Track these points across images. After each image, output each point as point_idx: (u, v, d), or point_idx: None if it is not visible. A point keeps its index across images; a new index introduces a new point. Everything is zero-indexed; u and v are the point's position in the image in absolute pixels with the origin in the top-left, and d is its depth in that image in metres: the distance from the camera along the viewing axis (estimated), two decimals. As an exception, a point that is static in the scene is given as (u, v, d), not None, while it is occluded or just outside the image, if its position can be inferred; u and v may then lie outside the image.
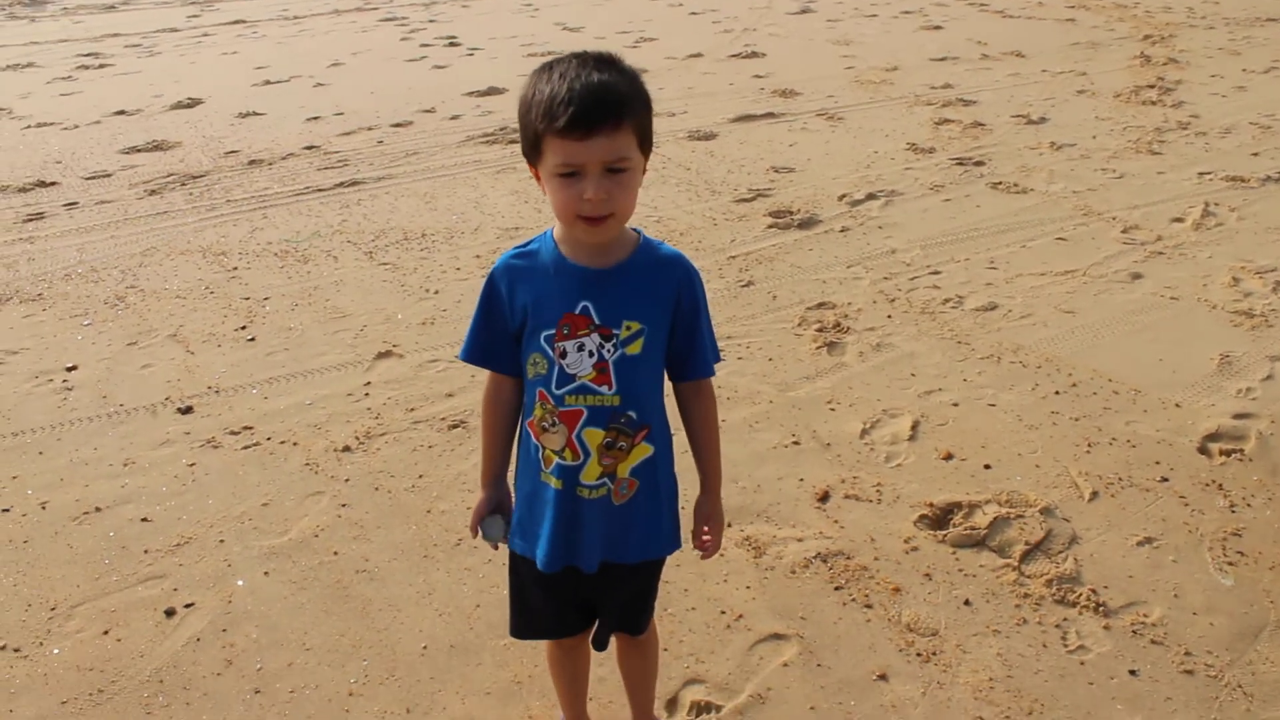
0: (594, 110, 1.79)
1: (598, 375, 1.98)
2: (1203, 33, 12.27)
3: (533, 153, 1.90)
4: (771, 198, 6.63)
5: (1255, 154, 7.37)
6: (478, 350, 2.11)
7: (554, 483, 2.05)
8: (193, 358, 4.70)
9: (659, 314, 2.02)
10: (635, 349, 1.99)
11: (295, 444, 3.97)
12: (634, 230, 2.03)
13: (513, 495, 2.21)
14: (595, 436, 2.01)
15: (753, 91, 9.73)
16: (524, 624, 2.32)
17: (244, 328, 4.99)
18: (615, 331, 1.97)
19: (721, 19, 14.53)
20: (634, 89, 1.88)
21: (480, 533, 2.20)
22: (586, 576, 2.12)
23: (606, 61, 1.88)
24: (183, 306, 5.25)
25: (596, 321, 1.97)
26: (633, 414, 2.02)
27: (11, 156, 8.23)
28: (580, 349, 1.97)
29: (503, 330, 2.06)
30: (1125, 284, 5.22)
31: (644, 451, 2.07)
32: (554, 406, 2.00)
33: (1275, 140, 7.70)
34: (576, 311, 1.97)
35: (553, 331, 1.98)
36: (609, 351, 1.97)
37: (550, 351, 1.99)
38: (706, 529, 2.23)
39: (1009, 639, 2.91)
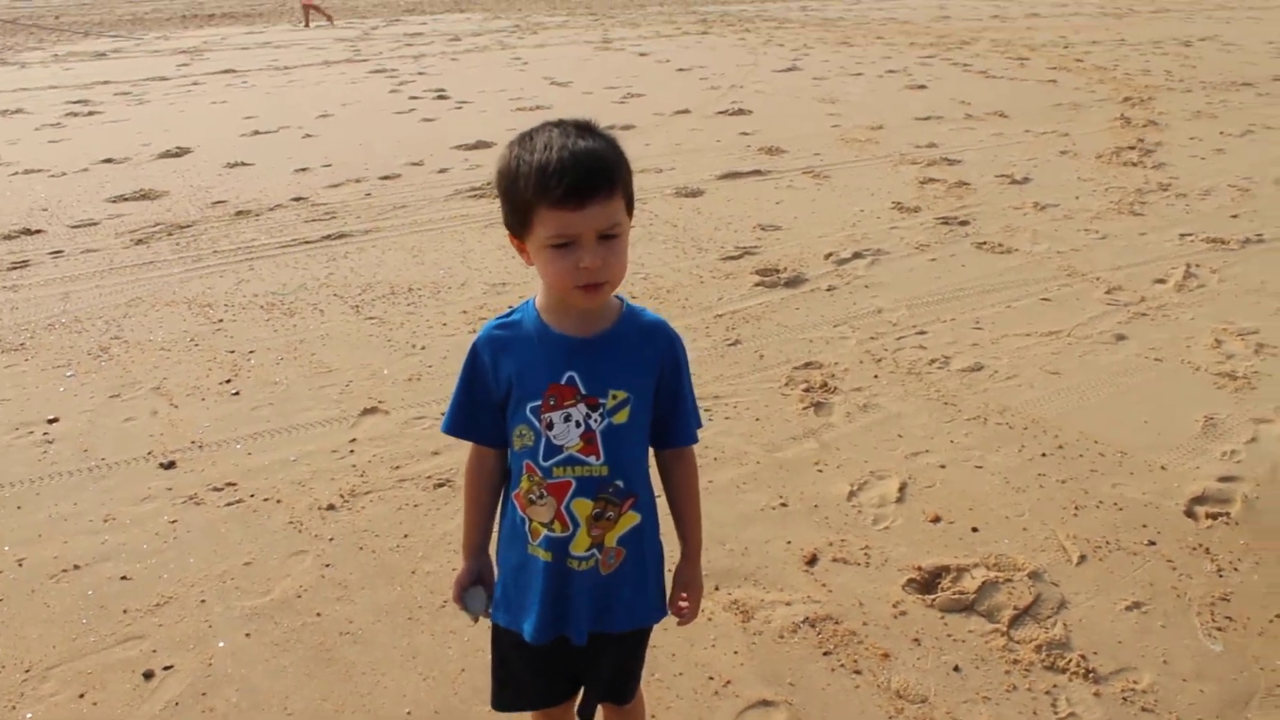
0: (587, 180, 1.79)
1: (585, 445, 1.96)
2: (1180, 95, 12.47)
3: (520, 225, 1.87)
4: (758, 256, 6.67)
5: (1234, 216, 7.46)
6: (460, 422, 2.08)
7: (543, 555, 2.02)
8: (176, 411, 4.67)
9: (644, 382, 2.01)
10: (622, 418, 1.98)
11: (279, 501, 3.94)
12: (616, 297, 2.02)
13: (495, 567, 2.19)
14: (584, 507, 1.99)
15: (739, 149, 9.82)
16: (506, 696, 2.28)
17: (228, 381, 4.96)
18: (602, 401, 1.96)
19: (709, 75, 14.70)
20: (618, 154, 1.88)
21: (462, 604, 2.17)
22: (573, 647, 2.09)
23: (586, 128, 1.88)
24: (167, 359, 5.23)
25: (583, 391, 1.95)
26: (620, 483, 2.00)
27: (-3, 205, 8.21)
28: (567, 419, 1.96)
29: (486, 401, 2.04)
30: (1110, 345, 5.25)
31: (631, 520, 2.05)
32: (541, 478, 1.98)
33: (1253, 203, 7.80)
34: (562, 382, 1.95)
35: (539, 403, 1.96)
36: (596, 421, 1.96)
37: (537, 423, 1.97)
38: (685, 595, 2.21)
39: (999, 706, 2.88)
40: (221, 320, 5.72)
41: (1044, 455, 4.20)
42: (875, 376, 4.92)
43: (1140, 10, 26.74)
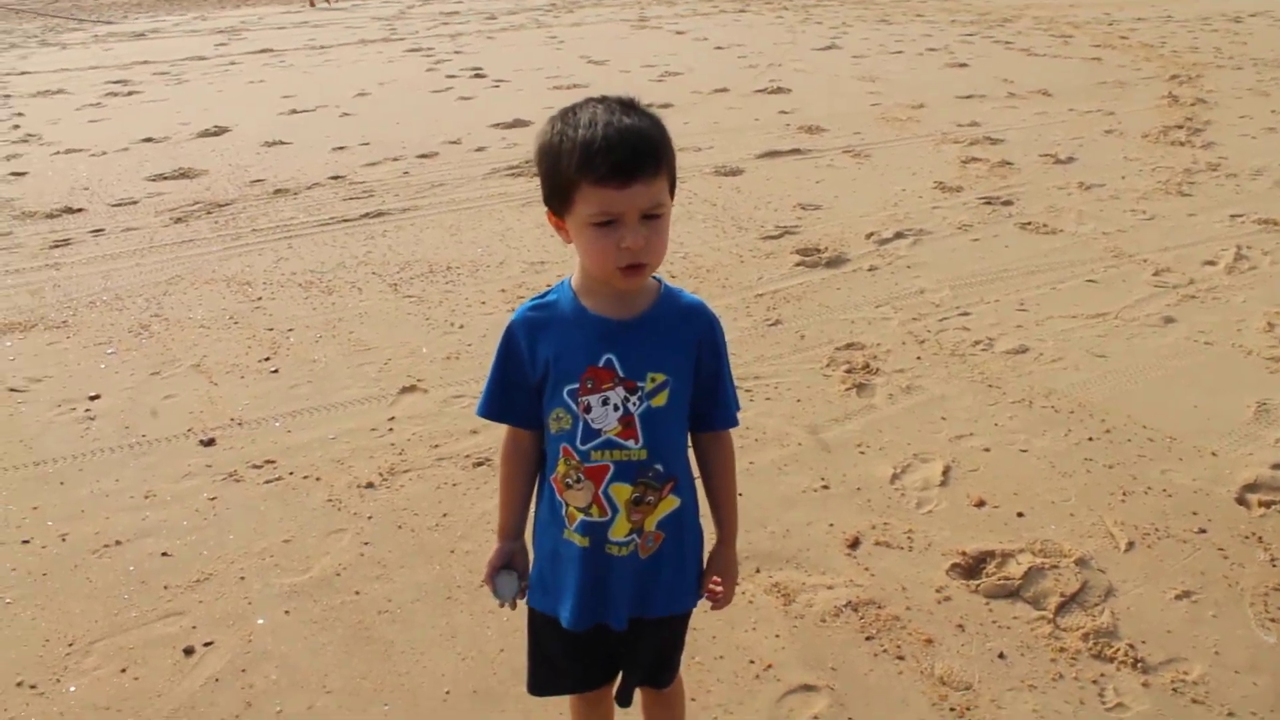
0: (633, 157, 1.75)
1: (624, 429, 1.93)
2: (1230, 73, 12.22)
3: (560, 202, 1.83)
4: (799, 235, 6.60)
5: (1287, 197, 7.29)
6: (496, 405, 2.05)
7: (579, 540, 1.99)
8: (216, 389, 4.68)
9: (683, 364, 1.97)
10: (660, 401, 1.94)
11: (318, 479, 3.94)
12: (654, 278, 1.98)
13: (529, 551, 2.16)
14: (623, 492, 1.95)
15: (779, 127, 9.73)
16: (542, 680, 2.25)
17: (268, 359, 4.97)
18: (640, 384, 1.92)
19: (747, 54, 14.57)
20: (662, 133, 1.84)
21: (493, 587, 2.13)
22: (612, 632, 2.07)
23: (630, 106, 1.84)
24: (206, 336, 5.24)
25: (620, 374, 1.92)
26: (660, 467, 1.97)
27: (40, 183, 8.28)
28: (605, 403, 1.92)
29: (522, 384, 2.00)
30: (1158, 328, 5.14)
31: (671, 504, 2.01)
32: (579, 462, 1.95)
33: (1307, 183, 7.62)
34: (600, 365, 1.92)
35: (576, 385, 1.92)
36: (634, 405, 1.92)
37: (574, 406, 1.93)
38: (718, 580, 2.17)
39: (1045, 695, 2.83)
40: (260, 298, 5.73)
41: (1091, 440, 4.12)
42: (918, 358, 4.85)
43: (1187, -13, 26.27)
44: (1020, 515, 3.64)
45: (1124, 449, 4.05)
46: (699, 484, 2.12)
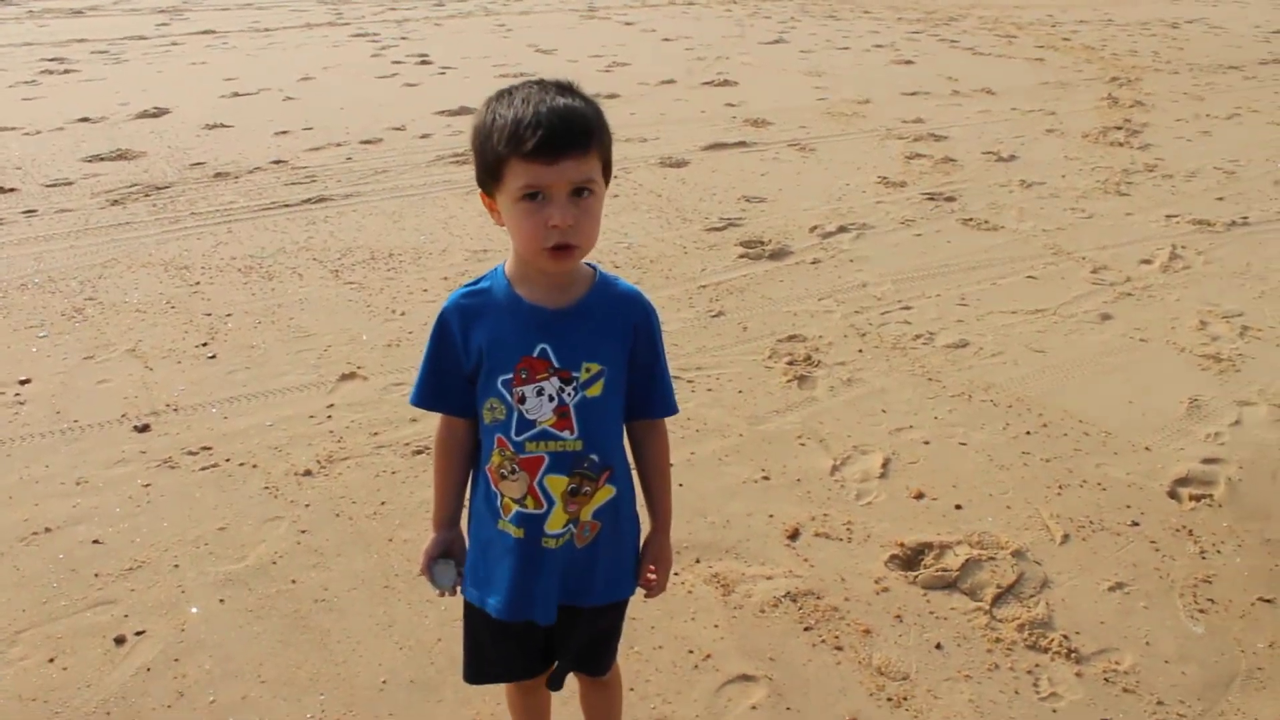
0: (563, 134, 1.74)
1: (558, 420, 1.91)
2: (1168, 77, 12.44)
3: (490, 179, 1.82)
4: (743, 227, 6.61)
5: (1220, 199, 7.44)
6: (429, 394, 2.03)
7: (514, 531, 1.97)
8: (151, 374, 4.59)
9: (618, 354, 1.96)
10: (595, 391, 1.93)
11: (255, 466, 3.88)
12: (588, 265, 1.96)
13: (465, 540, 2.14)
14: (558, 483, 1.94)
15: (725, 120, 9.74)
16: (478, 669, 2.23)
17: (205, 344, 4.88)
18: (575, 374, 1.91)
19: (695, 46, 14.57)
20: (597, 115, 1.83)
21: (430, 576, 2.11)
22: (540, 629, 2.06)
23: (567, 88, 1.83)
24: (142, 320, 5.14)
25: (555, 365, 1.90)
26: (595, 457, 1.95)
27: (-30, 161, 8.06)
28: (539, 394, 1.90)
29: (455, 372, 1.98)
30: (1095, 324, 5.23)
31: (607, 493, 2.01)
32: (513, 453, 1.93)
33: (1239, 186, 7.78)
34: (534, 355, 1.89)
35: (510, 376, 1.90)
36: (569, 395, 1.91)
37: (508, 396, 1.91)
38: (653, 568, 2.17)
39: (981, 685, 2.86)
40: (199, 283, 5.63)
41: (1028, 433, 4.18)
42: (859, 351, 4.88)
43: (1128, -9, 26.70)
44: (958, 507, 3.68)
45: (1060, 443, 4.11)
46: (634, 472, 2.11)
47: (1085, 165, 8.29)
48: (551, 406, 1.91)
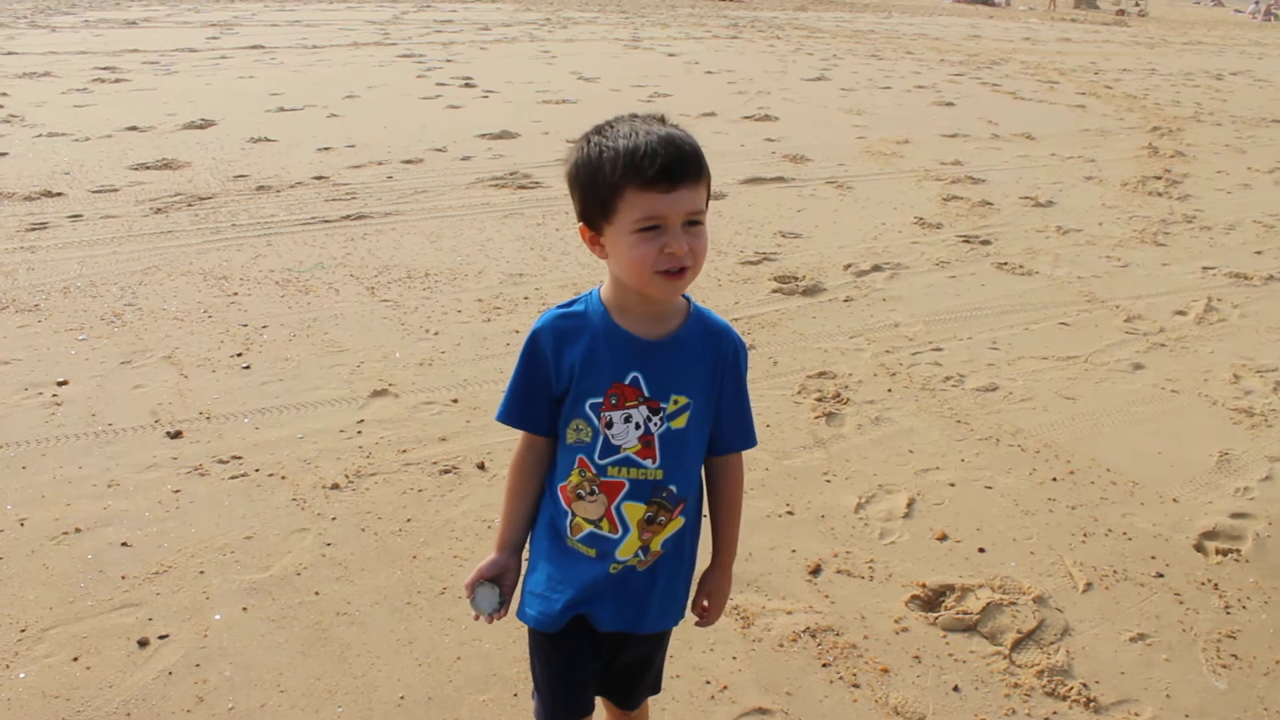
0: (678, 161, 1.77)
1: (642, 448, 1.93)
2: (1210, 129, 12.40)
3: (602, 211, 1.82)
4: (777, 262, 6.64)
5: (1259, 252, 7.41)
6: (517, 410, 2.02)
7: (585, 550, 1.99)
8: (186, 381, 4.65)
9: (706, 388, 1.98)
10: (680, 423, 1.94)
11: (283, 477, 3.92)
12: (683, 296, 1.98)
13: (519, 569, 2.13)
14: (635, 511, 1.95)
15: (764, 154, 9.79)
16: (554, 702, 2.16)
17: (240, 355, 4.95)
18: (663, 405, 1.92)
19: (737, 80, 14.67)
20: (699, 144, 1.86)
21: (473, 596, 2.08)
22: (598, 645, 2.07)
23: (663, 120, 1.86)
24: (180, 328, 5.21)
25: (646, 394, 1.91)
26: (674, 488, 1.97)
27: (20, 164, 8.23)
28: (627, 420, 1.92)
29: (544, 392, 1.98)
30: (1126, 374, 5.21)
31: (677, 524, 2.02)
32: (595, 475, 1.94)
33: (1278, 240, 7.73)
34: (626, 382, 1.91)
35: (600, 400, 1.92)
36: (655, 425, 1.92)
37: (596, 420, 1.92)
38: (708, 600, 2.18)
39: (997, 730, 2.85)
40: (236, 294, 5.71)
41: (1055, 480, 4.16)
42: (889, 390, 4.88)
43: (1172, 41, 26.64)
44: (981, 551, 3.66)
45: (1087, 491, 4.09)
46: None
47: (1123, 214, 8.27)
48: (637, 434, 1.92)
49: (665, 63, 16.58)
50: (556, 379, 1.96)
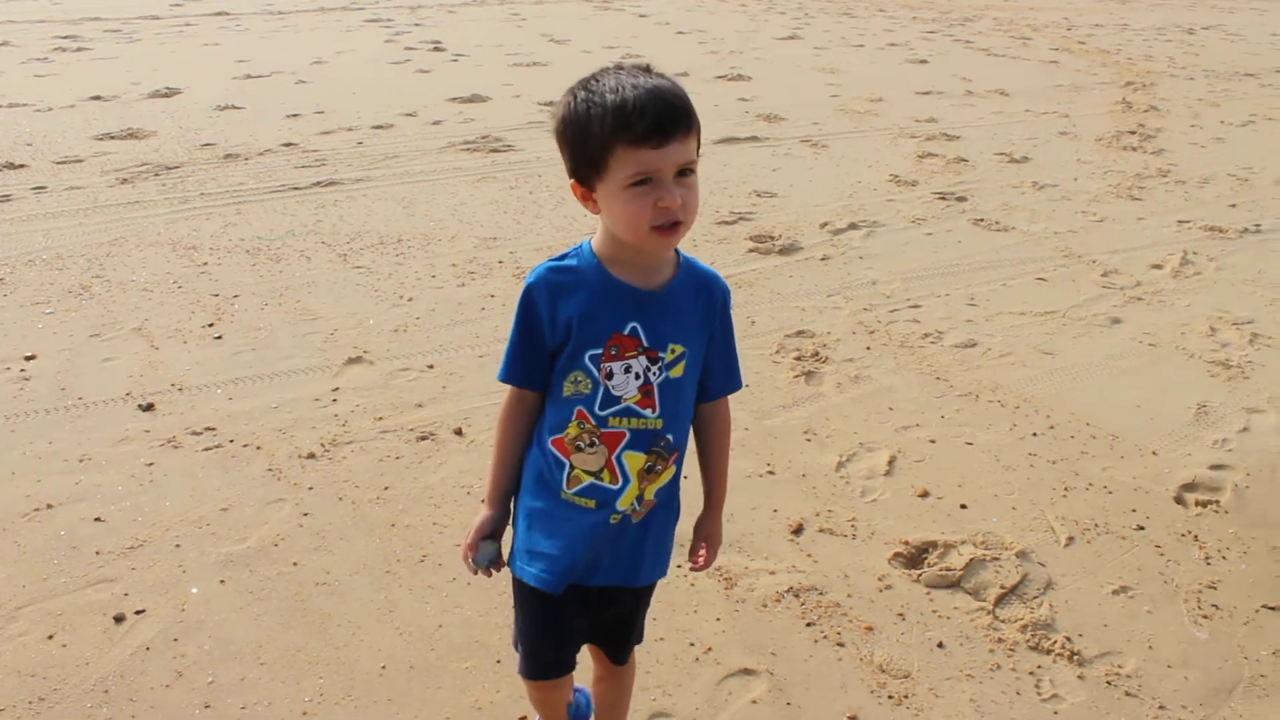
0: (669, 114, 1.75)
1: (642, 398, 1.92)
2: (1183, 83, 12.39)
3: (591, 169, 1.80)
4: (753, 222, 6.59)
5: (1233, 205, 7.41)
6: (520, 370, 1.99)
7: (583, 503, 1.96)
8: (157, 353, 4.58)
9: (700, 335, 1.98)
10: (678, 372, 1.94)
11: (258, 448, 3.87)
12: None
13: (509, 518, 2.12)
14: (636, 460, 1.94)
15: (737, 114, 9.72)
16: (539, 661, 2.19)
17: (211, 325, 4.87)
18: (661, 355, 1.92)
19: (708, 40, 14.55)
20: (685, 93, 1.84)
21: (474, 553, 2.07)
22: (588, 599, 2.07)
23: (649, 70, 1.83)
24: (149, 300, 5.13)
25: (645, 344, 1.90)
26: (670, 437, 1.97)
27: (-19, 136, 8.06)
28: (627, 370, 1.90)
29: (541, 346, 1.95)
30: (1105, 328, 5.21)
31: (670, 473, 2.02)
32: (594, 427, 1.92)
33: (1252, 193, 7.75)
34: (625, 333, 1.89)
35: (599, 351, 1.90)
36: (654, 374, 1.92)
37: (596, 372, 1.90)
38: (705, 546, 2.19)
39: (982, 685, 2.85)
40: (206, 263, 5.62)
41: (1035, 435, 4.16)
42: (867, 348, 4.87)
43: (1144, -4, 26.59)
44: (963, 507, 3.66)
45: (1067, 445, 4.09)
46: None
47: (1098, 169, 8.26)
48: (637, 384, 1.91)
49: (636, 23, 16.42)
50: (551, 333, 1.93)
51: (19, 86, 9.97)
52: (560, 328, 1.91)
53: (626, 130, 1.73)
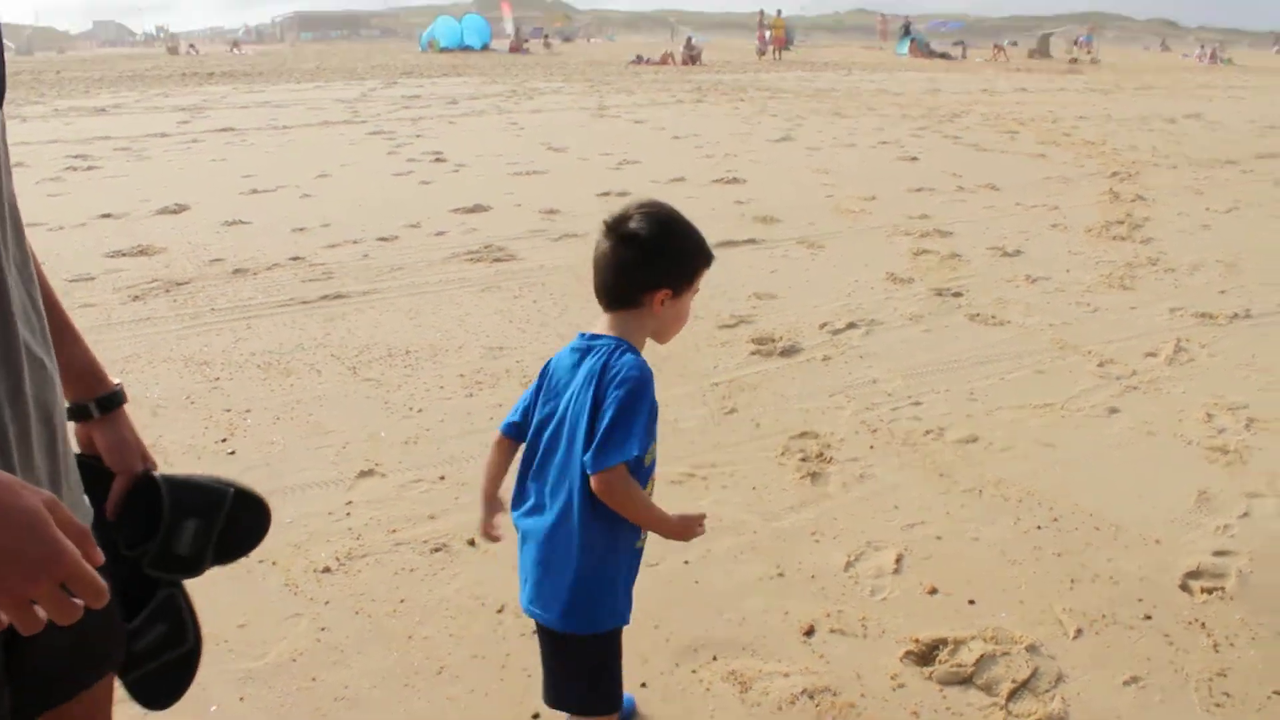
0: None
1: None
2: (1167, 171, 12.68)
3: (686, 280, 2.41)
4: (754, 324, 6.72)
5: (1222, 291, 7.56)
6: (640, 445, 2.36)
7: (640, 543, 2.48)
8: (171, 470, 4.64)
9: None
10: None
11: (274, 563, 3.92)
12: None
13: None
14: None
15: (734, 217, 9.93)
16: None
17: (224, 440, 4.96)
18: None
19: (703, 144, 14.89)
20: None
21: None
22: None
23: None
24: (163, 416, 5.22)
25: None
26: None
27: (-5, 259, 8.22)
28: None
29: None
30: (1103, 418, 5.29)
31: None
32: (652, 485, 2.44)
33: (1240, 279, 7.90)
34: None
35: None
36: None
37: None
38: None
39: (998, 783, 2.87)
40: (218, 379, 5.73)
41: (1039, 528, 4.21)
42: (871, 447, 4.94)
43: (1125, 87, 27.23)
44: (971, 603, 3.70)
45: (1071, 537, 4.14)
46: None
47: (1089, 259, 8.43)
48: None
49: (632, 129, 16.82)
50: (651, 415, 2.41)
51: (33, 207, 10.20)
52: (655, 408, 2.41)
53: (707, 255, 2.46)
